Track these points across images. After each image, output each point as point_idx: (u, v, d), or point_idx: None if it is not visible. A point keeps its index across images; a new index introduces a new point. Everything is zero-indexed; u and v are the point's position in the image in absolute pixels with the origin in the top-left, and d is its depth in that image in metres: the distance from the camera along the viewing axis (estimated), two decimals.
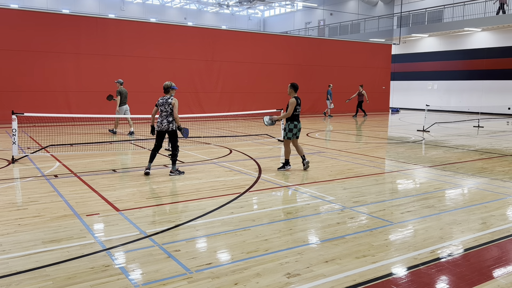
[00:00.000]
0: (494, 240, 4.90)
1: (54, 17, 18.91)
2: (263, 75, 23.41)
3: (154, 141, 8.30)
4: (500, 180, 8.12)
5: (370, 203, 6.41)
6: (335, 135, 15.41)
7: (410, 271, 4.07)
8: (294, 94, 8.73)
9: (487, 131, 17.37)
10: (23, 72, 17.67)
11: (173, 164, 8.28)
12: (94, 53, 19.11)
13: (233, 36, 23.37)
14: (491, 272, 4.08)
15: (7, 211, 5.82)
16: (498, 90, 27.70)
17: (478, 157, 10.89)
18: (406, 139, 14.46)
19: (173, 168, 8.26)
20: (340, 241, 4.83)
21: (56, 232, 4.99)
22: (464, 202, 6.61)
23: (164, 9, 44.92)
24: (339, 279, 3.87)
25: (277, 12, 49.13)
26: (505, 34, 27.37)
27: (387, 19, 34.02)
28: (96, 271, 3.97)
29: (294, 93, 8.72)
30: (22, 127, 14.46)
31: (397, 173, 8.82)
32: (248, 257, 4.33)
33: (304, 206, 6.27)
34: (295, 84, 8.80)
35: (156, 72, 20.27)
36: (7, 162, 9.27)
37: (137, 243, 4.70)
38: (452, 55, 30.34)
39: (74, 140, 12.99)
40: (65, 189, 7.01)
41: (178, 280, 3.81)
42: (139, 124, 18.03)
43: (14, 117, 9.24)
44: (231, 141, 13.19)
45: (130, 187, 7.26)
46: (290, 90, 8.72)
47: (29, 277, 3.85)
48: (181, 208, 6.12)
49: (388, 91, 29.13)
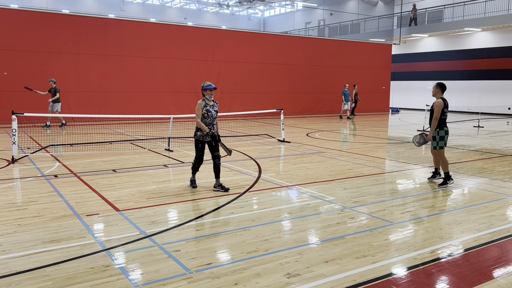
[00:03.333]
0: (494, 240, 4.90)
1: (54, 17, 18.91)
2: (263, 75, 23.40)
3: (199, 152, 7.02)
4: (500, 180, 8.11)
5: (370, 203, 6.41)
6: (335, 135, 15.40)
7: (410, 271, 4.07)
8: (441, 95, 7.48)
9: (487, 131, 17.36)
10: (23, 72, 17.68)
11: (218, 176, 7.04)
12: (94, 53, 19.11)
13: (233, 36, 23.37)
14: (491, 272, 4.08)
15: (7, 211, 5.82)
16: (498, 90, 27.70)
17: (478, 157, 10.89)
18: (406, 139, 14.46)
19: (218, 182, 7.04)
20: (340, 241, 4.83)
21: (56, 232, 4.99)
22: (464, 202, 6.61)
23: (164, 9, 44.93)
24: (339, 279, 3.87)
25: (277, 12, 49.13)
26: (505, 34, 27.36)
27: (387, 19, 34.02)
28: (96, 271, 3.97)
29: (441, 93, 7.48)
30: (22, 127, 14.46)
31: (397, 173, 8.81)
32: (248, 257, 4.33)
33: (304, 206, 6.27)
34: (443, 84, 7.55)
35: (156, 72, 20.27)
36: (7, 162, 9.27)
37: (137, 243, 4.70)
38: (452, 55, 30.34)
39: (74, 140, 13.00)
40: (65, 189, 7.01)
41: (178, 280, 3.81)
42: (139, 124, 18.05)
43: (14, 117, 9.24)
44: (231, 141, 13.19)
45: (130, 187, 7.26)
46: (436, 91, 7.49)
47: (29, 277, 3.84)
48: (181, 208, 6.12)
49: (388, 91, 29.13)
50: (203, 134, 6.85)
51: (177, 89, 21.05)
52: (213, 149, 6.89)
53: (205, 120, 6.79)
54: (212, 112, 6.84)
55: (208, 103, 6.85)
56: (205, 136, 6.84)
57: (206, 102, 6.84)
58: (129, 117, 18.22)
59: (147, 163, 9.54)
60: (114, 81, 19.59)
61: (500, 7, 26.64)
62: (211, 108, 6.85)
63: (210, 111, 6.81)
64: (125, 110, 18.47)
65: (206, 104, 6.83)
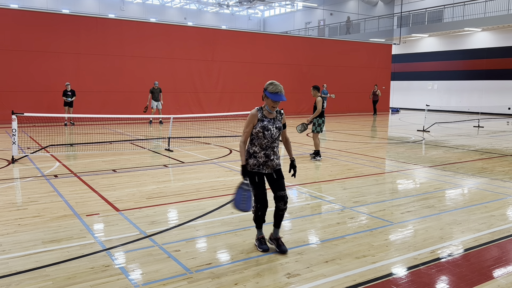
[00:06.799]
0: (494, 240, 4.90)
1: (54, 17, 18.91)
2: (263, 75, 23.38)
3: (257, 189, 4.47)
4: (500, 180, 8.11)
5: (370, 203, 6.41)
6: (335, 135, 15.40)
7: (410, 271, 4.06)
8: (319, 93, 9.97)
9: (487, 131, 17.36)
10: (23, 72, 17.68)
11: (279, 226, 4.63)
12: (94, 53, 19.11)
13: (233, 36, 23.37)
14: (491, 272, 4.08)
15: (7, 211, 5.82)
16: (498, 90, 27.70)
17: (478, 157, 10.88)
18: (406, 139, 14.46)
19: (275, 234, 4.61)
20: (340, 241, 4.82)
21: (56, 232, 4.99)
22: (464, 202, 6.61)
23: (164, 9, 44.91)
24: (339, 279, 3.87)
25: (277, 12, 49.12)
26: (505, 34, 27.36)
27: (387, 19, 34.02)
28: (96, 271, 3.97)
29: (318, 93, 9.93)
30: (22, 127, 14.46)
31: (397, 173, 8.81)
32: (248, 257, 4.33)
33: (304, 206, 6.27)
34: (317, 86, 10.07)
35: (156, 72, 20.27)
36: (7, 162, 9.27)
37: (137, 243, 4.70)
38: (452, 55, 30.34)
39: (74, 140, 13.00)
40: (65, 189, 7.01)
41: (178, 280, 3.81)
42: (139, 124, 18.06)
43: (14, 117, 9.24)
44: (231, 141, 13.19)
45: (130, 187, 7.26)
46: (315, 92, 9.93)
47: (29, 277, 3.84)
48: (181, 208, 6.12)
49: (388, 91, 29.14)
50: (258, 163, 4.45)
51: (177, 89, 21.05)
52: (277, 186, 4.48)
53: (260, 142, 4.41)
54: (272, 130, 4.43)
55: (267, 116, 4.46)
56: (261, 166, 4.45)
57: (263, 114, 4.45)
58: (129, 117, 18.22)
59: (147, 163, 9.54)
60: (114, 81, 19.59)
61: (500, 7, 26.64)
62: (271, 124, 4.43)
63: (269, 128, 4.41)
64: (125, 110, 18.47)
65: (263, 118, 4.43)
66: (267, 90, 4.41)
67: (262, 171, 4.45)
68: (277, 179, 4.48)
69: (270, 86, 4.41)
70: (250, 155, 4.46)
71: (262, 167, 4.44)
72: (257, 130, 4.39)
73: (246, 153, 4.47)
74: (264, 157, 4.42)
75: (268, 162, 4.44)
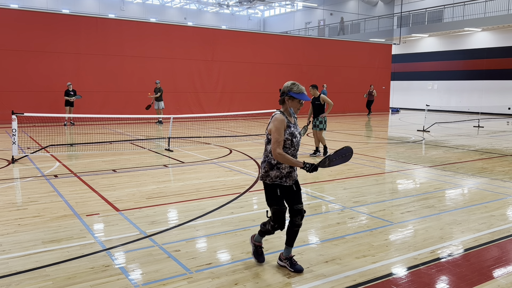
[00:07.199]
0: (494, 240, 4.90)
1: (54, 17, 18.91)
2: (263, 75, 23.40)
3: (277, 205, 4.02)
4: (500, 180, 8.11)
5: (370, 203, 6.41)
6: (335, 135, 15.40)
7: (410, 271, 4.07)
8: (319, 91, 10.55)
9: (487, 131, 17.36)
10: (23, 72, 17.68)
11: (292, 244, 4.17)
12: (94, 53, 19.11)
13: (233, 36, 23.36)
14: (491, 272, 4.08)
15: (7, 211, 5.82)
16: (498, 90, 27.70)
17: (478, 157, 10.88)
18: (406, 139, 14.46)
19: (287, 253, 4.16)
20: (340, 241, 4.82)
21: (56, 232, 4.99)
22: (464, 202, 6.61)
23: (164, 9, 44.91)
24: (339, 279, 3.87)
25: (277, 12, 49.12)
26: (505, 34, 27.36)
27: (387, 19, 34.02)
28: (96, 271, 3.97)
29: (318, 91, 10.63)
30: (22, 127, 14.46)
31: (397, 173, 8.81)
32: (248, 257, 4.33)
33: (304, 206, 6.26)
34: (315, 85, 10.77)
35: (156, 72, 20.27)
36: (7, 162, 9.27)
37: (137, 243, 4.70)
38: (452, 55, 30.34)
39: (74, 140, 13.00)
40: (65, 189, 7.01)
41: (178, 280, 3.81)
42: (140, 124, 18.06)
43: (14, 117, 9.24)
44: (231, 141, 13.19)
45: (130, 187, 7.26)
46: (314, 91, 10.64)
47: (29, 277, 3.84)
48: (181, 208, 6.12)
49: (388, 91, 29.14)
50: (281, 175, 3.98)
51: (177, 89, 21.05)
52: (295, 198, 4.07)
53: (286, 151, 3.92)
54: (298, 137, 4.04)
55: (290, 121, 4.03)
56: (284, 178, 3.99)
57: (288, 120, 4.00)
58: (129, 117, 18.22)
59: (147, 163, 9.54)
60: (114, 81, 19.59)
61: (500, 7, 26.64)
62: (295, 128, 4.02)
63: (296, 135, 3.99)
64: (125, 110, 18.47)
65: (289, 123, 3.98)
66: (292, 91, 3.99)
67: (284, 184, 3.99)
68: (296, 191, 4.07)
69: (294, 86, 4.01)
70: (272, 167, 3.94)
71: (285, 179, 3.98)
72: (285, 138, 3.90)
73: (268, 165, 3.96)
74: (288, 167, 3.97)
75: (292, 173, 4.00)
